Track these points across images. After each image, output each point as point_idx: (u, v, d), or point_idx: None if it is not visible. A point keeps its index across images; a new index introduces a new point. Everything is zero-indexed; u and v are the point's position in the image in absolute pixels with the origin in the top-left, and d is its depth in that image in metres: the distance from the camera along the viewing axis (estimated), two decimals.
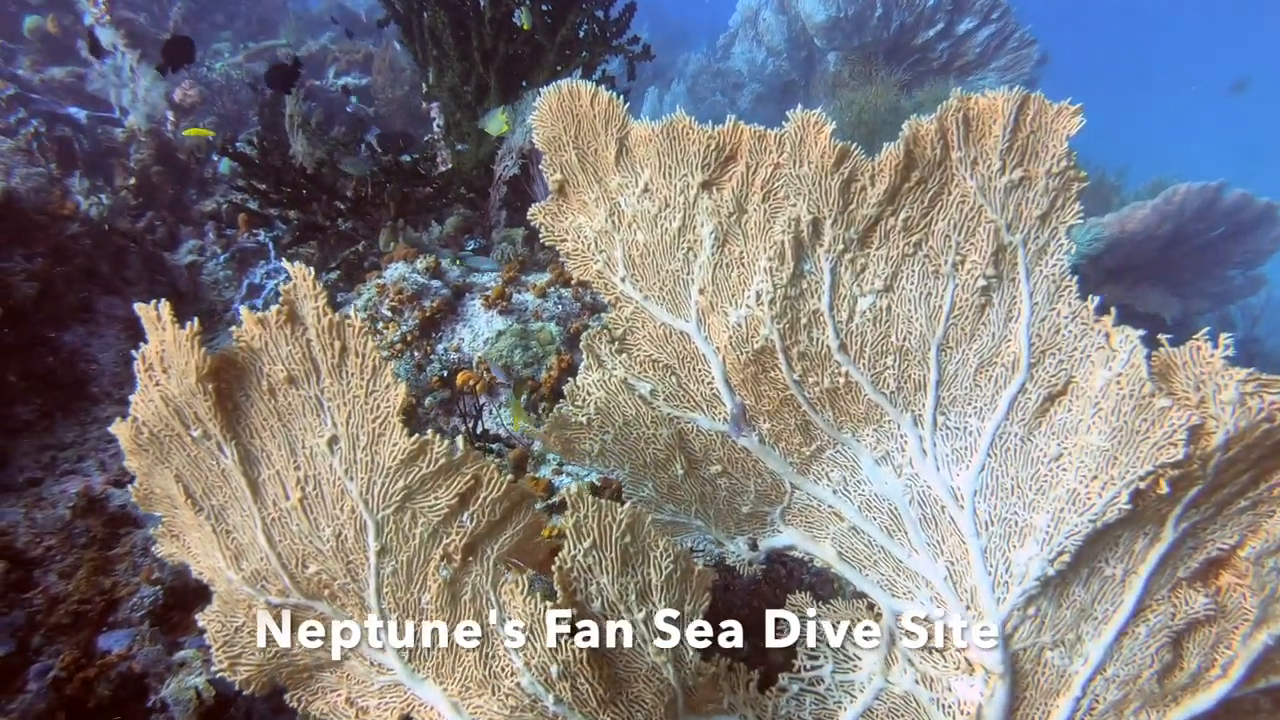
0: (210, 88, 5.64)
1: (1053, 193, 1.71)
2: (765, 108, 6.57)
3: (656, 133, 1.81)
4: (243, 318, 1.57)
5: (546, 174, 1.94)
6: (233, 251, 3.52)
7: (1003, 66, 6.02)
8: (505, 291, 3.11)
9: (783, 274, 1.79)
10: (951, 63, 6.06)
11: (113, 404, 3.14)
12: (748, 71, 6.59)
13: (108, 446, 2.90)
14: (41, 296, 3.12)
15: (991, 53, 6.00)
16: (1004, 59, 6.00)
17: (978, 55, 5.98)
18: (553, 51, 3.53)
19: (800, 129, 1.73)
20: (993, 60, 6.02)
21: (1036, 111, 1.69)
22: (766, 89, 6.56)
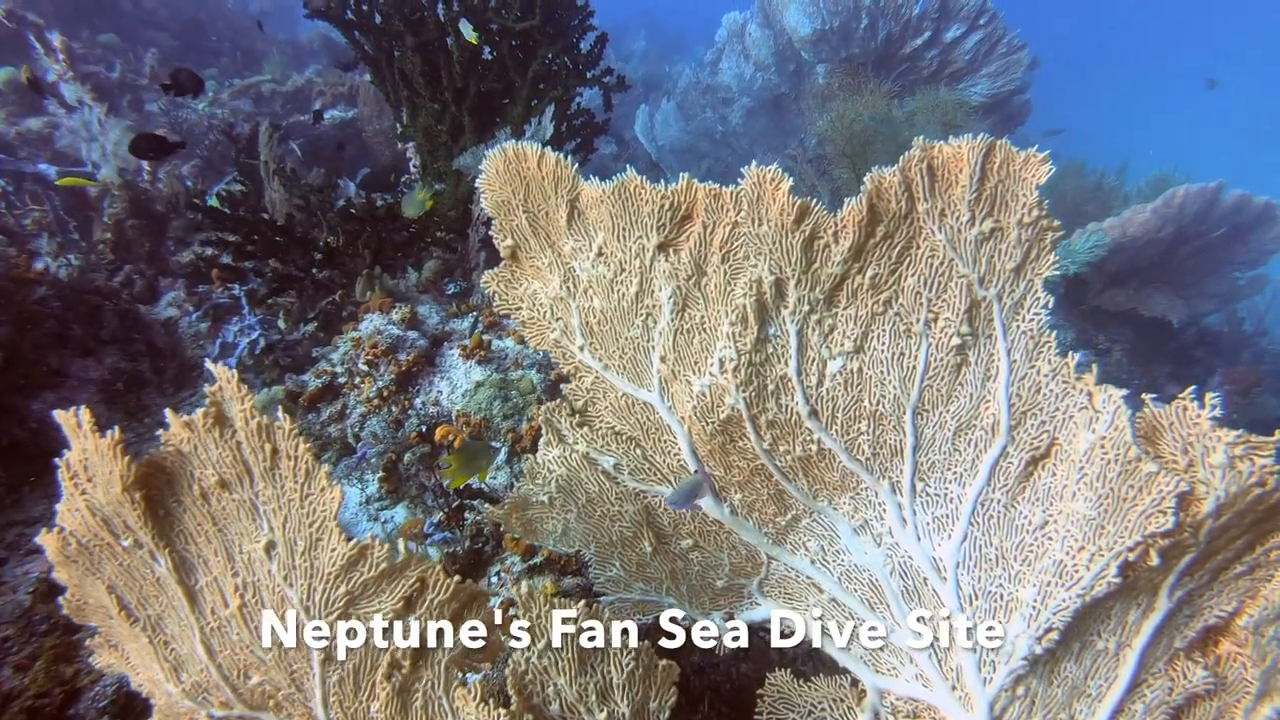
0: (194, 130, 5.60)
1: (1026, 244, 1.61)
2: (757, 121, 6.47)
3: (608, 194, 1.72)
4: (169, 421, 1.49)
5: (497, 240, 1.86)
6: (206, 309, 3.46)
7: (994, 72, 5.89)
8: (483, 340, 3.03)
9: (746, 339, 1.69)
10: (942, 70, 5.94)
11: None
12: (737, 86, 6.50)
13: None
14: (7, 365, 3.06)
15: (981, 59, 5.88)
16: (995, 64, 5.88)
17: (968, 62, 5.87)
18: (525, 87, 3.45)
19: (757, 186, 1.64)
20: (983, 66, 5.90)
21: (1004, 159, 1.59)
22: (757, 103, 6.46)
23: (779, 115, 6.39)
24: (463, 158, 3.41)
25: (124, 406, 3.39)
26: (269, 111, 6.40)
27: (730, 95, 6.50)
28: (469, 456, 2.25)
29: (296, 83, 6.65)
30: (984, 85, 5.93)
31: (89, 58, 5.23)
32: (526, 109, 3.47)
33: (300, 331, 3.40)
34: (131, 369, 3.48)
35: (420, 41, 3.37)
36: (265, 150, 3.88)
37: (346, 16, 3.38)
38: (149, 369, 3.53)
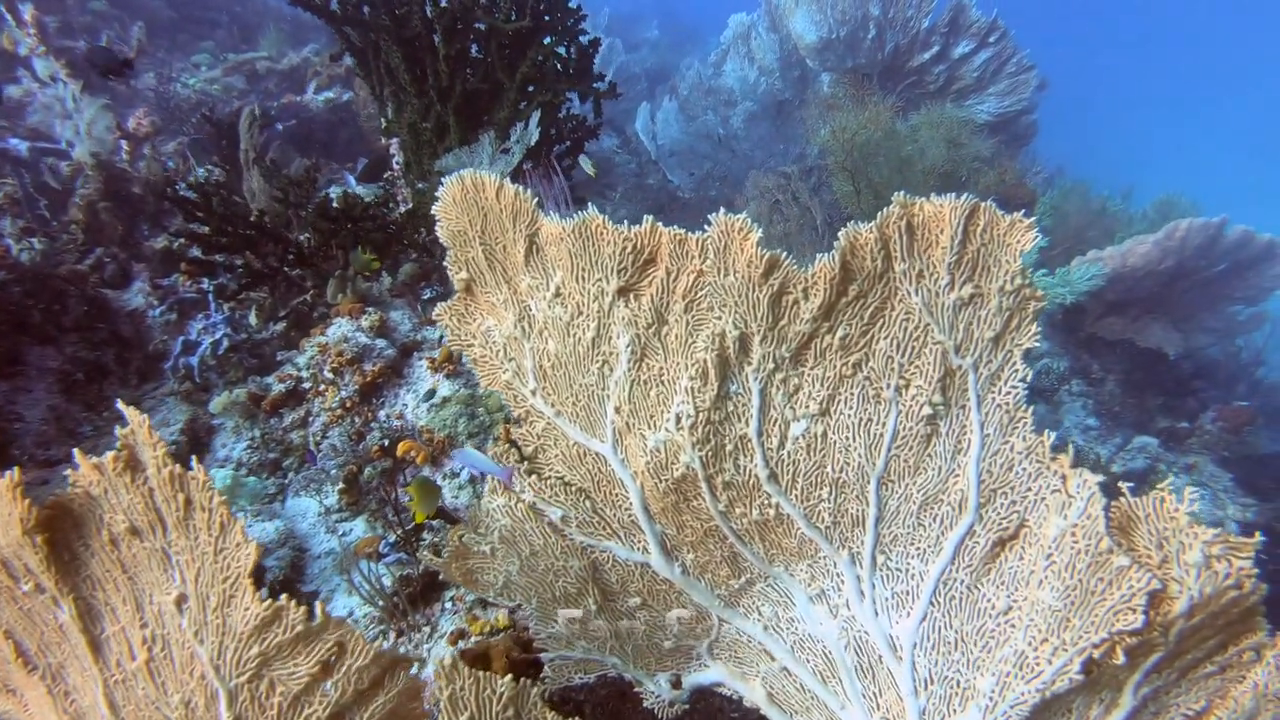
0: (182, 107, 5.47)
1: (1006, 312, 1.51)
2: (759, 126, 6.34)
3: (568, 232, 1.62)
4: (78, 461, 1.40)
5: (451, 271, 1.76)
6: (171, 303, 3.35)
7: (1002, 91, 5.75)
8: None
9: (706, 395, 1.60)
10: (948, 86, 5.80)
11: (35, 467, 2.98)
12: (740, 89, 6.36)
13: None
14: None
15: (989, 77, 5.74)
16: (1002, 83, 5.74)
17: (975, 79, 5.73)
18: (513, 89, 3.33)
19: (724, 234, 1.54)
20: (991, 85, 5.76)
21: (988, 223, 1.49)
22: (760, 107, 6.32)
23: (781, 121, 6.26)
24: (445, 159, 3.30)
25: (83, 399, 3.29)
26: (262, 90, 6.27)
27: (733, 98, 6.37)
28: (426, 490, 2.17)
29: (292, 61, 6.51)
30: (991, 104, 5.80)
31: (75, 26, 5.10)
32: (513, 111, 3.35)
33: (270, 330, 3.30)
34: (94, 359, 3.37)
35: (405, 37, 3.25)
36: (246, 138, 3.77)
37: (331, 7, 3.26)
38: (113, 359, 3.43)
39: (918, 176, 5.00)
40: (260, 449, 3.00)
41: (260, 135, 3.87)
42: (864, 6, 5.51)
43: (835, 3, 5.52)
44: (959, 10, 5.64)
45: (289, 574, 2.72)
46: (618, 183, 7.23)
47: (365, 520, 2.86)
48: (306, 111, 6.05)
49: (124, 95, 5.37)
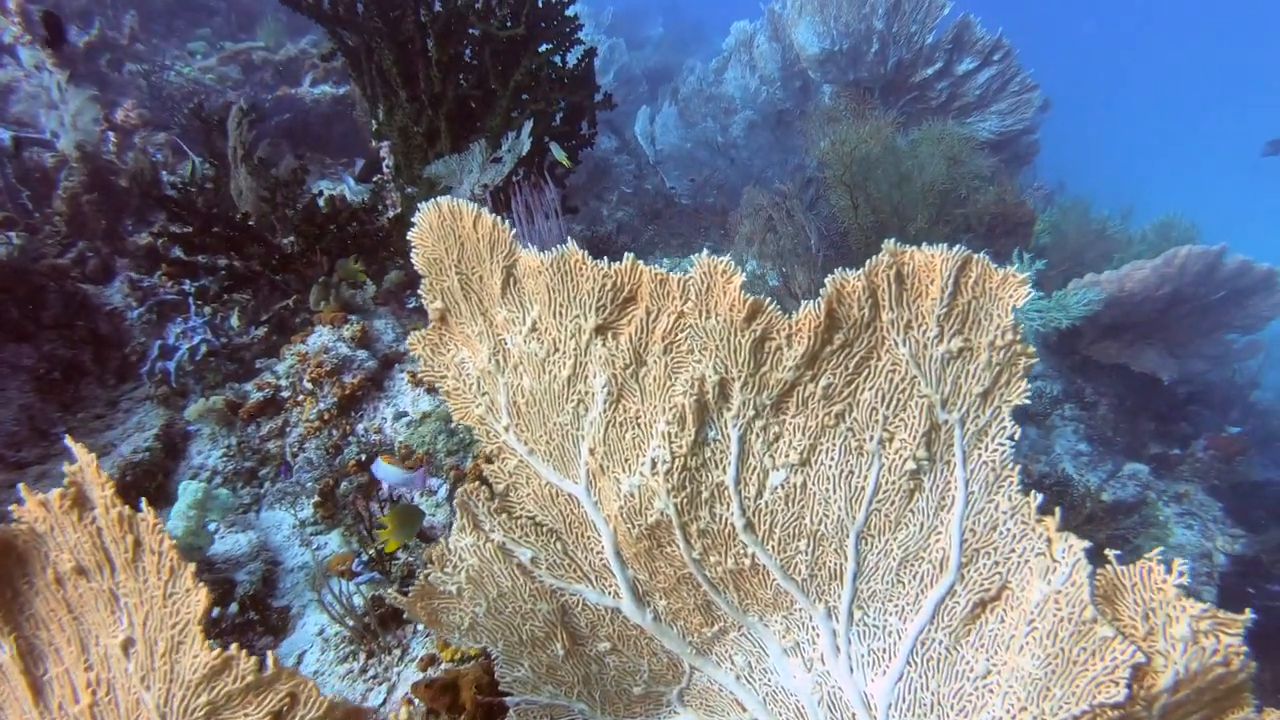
0: (174, 96, 5.39)
1: (996, 368, 1.46)
2: (759, 135, 6.28)
3: (546, 265, 1.57)
4: (23, 496, 1.34)
5: (426, 300, 1.71)
6: (150, 304, 3.28)
7: (1004, 110, 5.69)
8: None
9: (683, 440, 1.54)
10: (950, 103, 5.74)
11: (4, 470, 2.92)
12: (740, 98, 6.29)
13: None
14: None
15: (992, 95, 5.68)
16: (1005, 102, 5.68)
17: (978, 97, 5.67)
18: (506, 97, 3.27)
19: (707, 276, 1.49)
20: (993, 103, 5.70)
21: (980, 275, 1.44)
22: (760, 116, 6.26)
23: (781, 131, 6.19)
24: (435, 165, 3.23)
25: (59, 398, 3.23)
26: (257, 81, 6.19)
27: (733, 106, 6.30)
28: (403, 519, 2.12)
29: (290, 52, 6.43)
30: (993, 122, 5.74)
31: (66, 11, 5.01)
32: (506, 119, 3.29)
33: (251, 334, 3.24)
34: (71, 357, 3.31)
35: (399, 40, 3.19)
36: (234, 135, 3.71)
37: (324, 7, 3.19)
38: (90, 358, 3.37)
39: (916, 193, 4.95)
40: (236, 457, 2.95)
41: (250, 132, 3.81)
42: (868, 20, 5.45)
43: (839, 15, 5.46)
44: (964, 27, 5.58)
45: (260, 588, 2.67)
46: (615, 186, 7.17)
47: (340, 534, 2.81)
48: (301, 105, 5.98)
49: (116, 83, 5.30)
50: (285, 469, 2.85)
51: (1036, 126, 5.83)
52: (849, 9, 5.43)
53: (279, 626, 2.65)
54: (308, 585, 2.72)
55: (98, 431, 3.17)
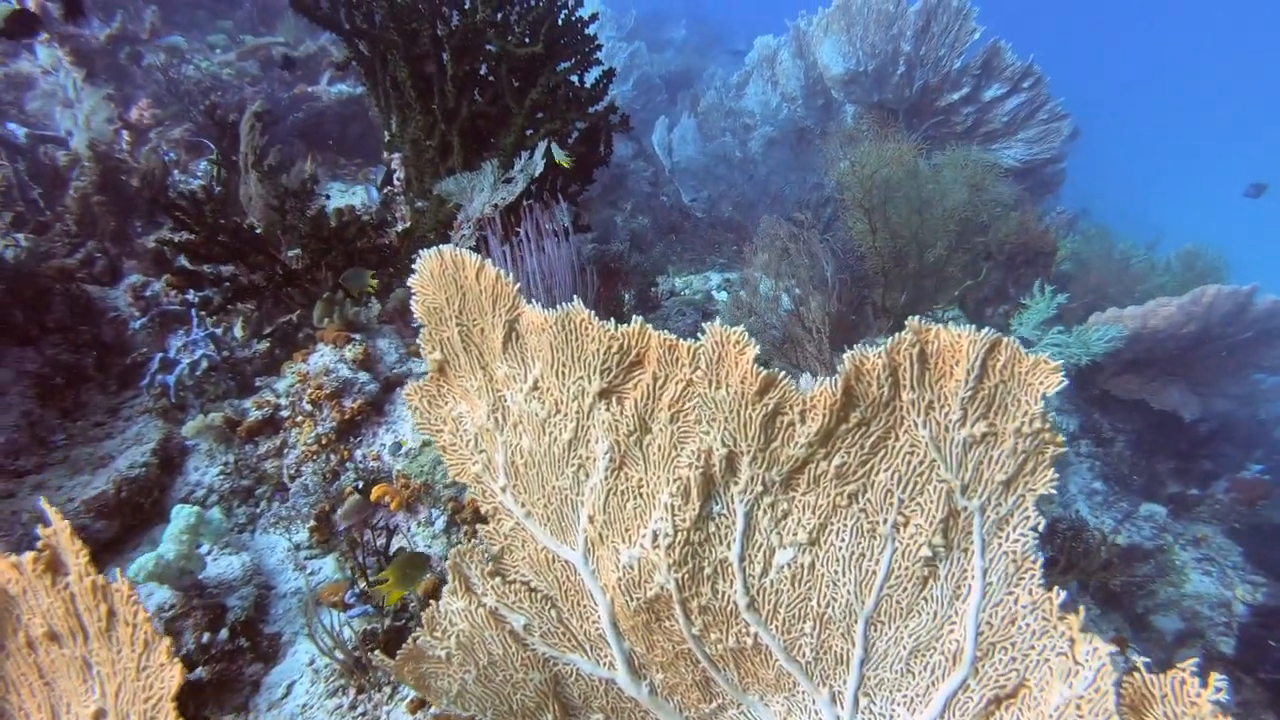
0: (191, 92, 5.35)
1: (1022, 455, 1.38)
2: (777, 152, 6.18)
3: (550, 323, 1.50)
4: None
5: (424, 350, 1.64)
6: (153, 315, 3.23)
7: (1031, 138, 5.57)
8: None
9: (686, 514, 1.47)
10: (976, 129, 5.62)
11: (1, 479, 2.87)
12: (760, 113, 6.19)
13: None
14: None
15: (1020, 123, 5.56)
16: (1032, 130, 5.55)
17: (1004, 124, 5.54)
18: (521, 115, 3.19)
19: (719, 346, 1.41)
20: (1020, 131, 5.57)
21: (1009, 359, 1.36)
22: (780, 133, 6.15)
23: (801, 148, 6.09)
24: (446, 182, 3.16)
25: (60, 404, 3.18)
26: (276, 77, 6.14)
27: (753, 121, 6.20)
28: (405, 568, 2.06)
29: (309, 49, 6.37)
30: (1019, 150, 5.62)
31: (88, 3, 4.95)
32: (520, 138, 3.22)
33: (253, 348, 3.18)
34: (73, 362, 3.26)
35: (414, 54, 3.12)
36: (246, 140, 3.65)
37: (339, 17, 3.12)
38: (93, 364, 3.32)
39: (937, 219, 4.85)
40: (233, 475, 2.89)
41: (262, 138, 3.75)
42: (895, 42, 5.33)
43: (865, 35, 5.35)
44: (993, 53, 5.46)
45: (252, 614, 2.62)
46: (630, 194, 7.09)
47: (335, 559, 2.75)
48: (318, 103, 5.93)
49: (134, 77, 5.25)
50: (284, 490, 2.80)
51: (1064, 156, 5.71)
52: (876, 30, 5.32)
53: (269, 654, 2.59)
54: (300, 612, 2.66)
55: (96, 440, 3.12)
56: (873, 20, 5.31)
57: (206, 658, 2.47)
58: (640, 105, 7.76)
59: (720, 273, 5.49)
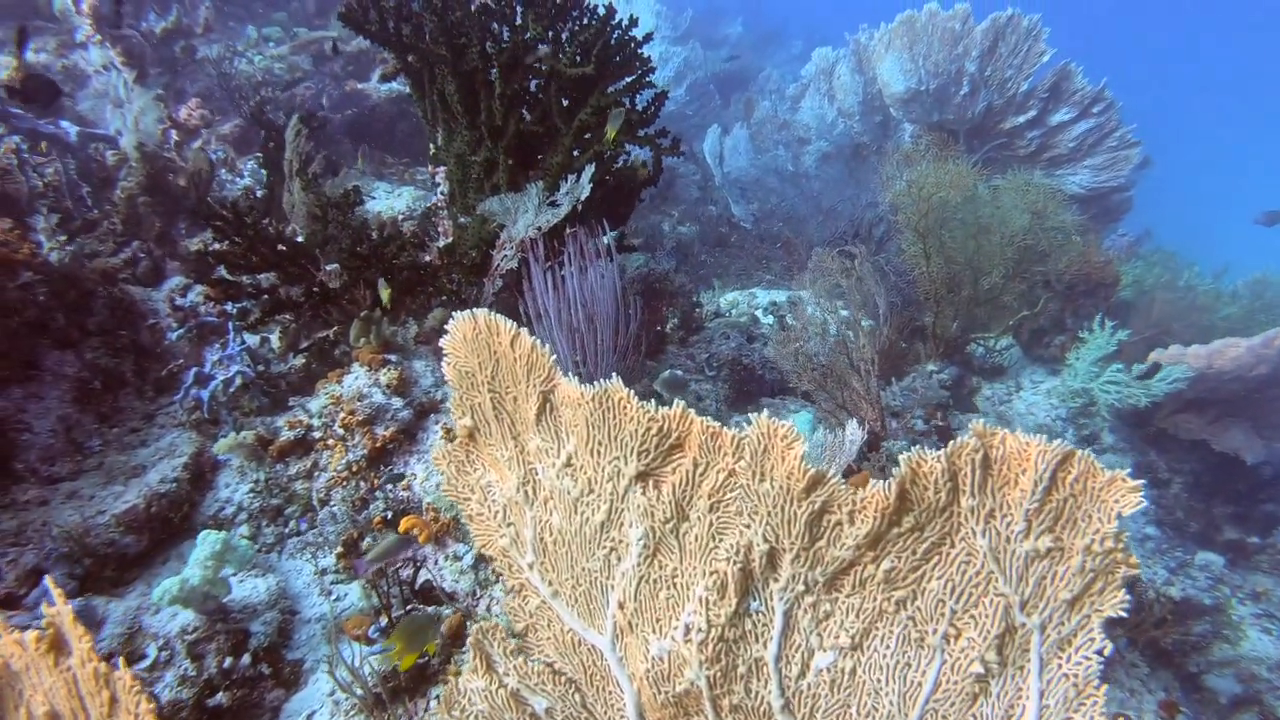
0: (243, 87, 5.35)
1: (1090, 574, 1.27)
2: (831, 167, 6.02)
3: (587, 399, 1.42)
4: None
5: (454, 415, 1.56)
6: (190, 327, 3.21)
7: (1098, 165, 5.34)
8: None
9: (722, 610, 1.38)
10: (1040, 153, 5.40)
11: (36, 484, 2.88)
12: (816, 127, 6.02)
13: (10, 550, 2.62)
14: None
15: (1087, 149, 5.32)
16: (1100, 157, 5.32)
17: (1070, 150, 5.32)
18: (569, 135, 3.11)
19: (765, 438, 1.32)
20: (1087, 157, 5.34)
21: (1082, 473, 1.25)
22: (834, 148, 5.99)
23: (856, 165, 5.93)
24: (489, 202, 3.10)
25: (96, 409, 3.18)
26: (327, 72, 6.14)
27: (807, 135, 6.05)
28: (413, 631, 2.00)
29: (361, 44, 6.35)
30: (1085, 176, 5.39)
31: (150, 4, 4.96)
32: (567, 158, 3.13)
33: (289, 362, 3.15)
34: (112, 366, 3.27)
35: (462, 70, 3.05)
36: (291, 147, 3.62)
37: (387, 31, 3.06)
38: (131, 369, 3.32)
39: (994, 245, 4.68)
40: (264, 494, 2.87)
41: (308, 143, 3.72)
42: (960, 61, 5.14)
43: (929, 54, 5.16)
44: (1063, 76, 5.23)
45: (275, 639, 2.59)
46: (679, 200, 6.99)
47: (361, 587, 2.71)
48: (367, 101, 5.92)
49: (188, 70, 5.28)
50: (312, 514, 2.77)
51: (1132, 184, 5.47)
52: (940, 49, 5.14)
53: (291, 680, 2.56)
54: (324, 639, 2.63)
55: (131, 448, 3.12)
56: (937, 38, 5.12)
57: (228, 683, 2.45)
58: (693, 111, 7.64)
59: (767, 290, 5.37)
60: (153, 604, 2.42)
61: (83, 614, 2.49)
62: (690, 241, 5.98)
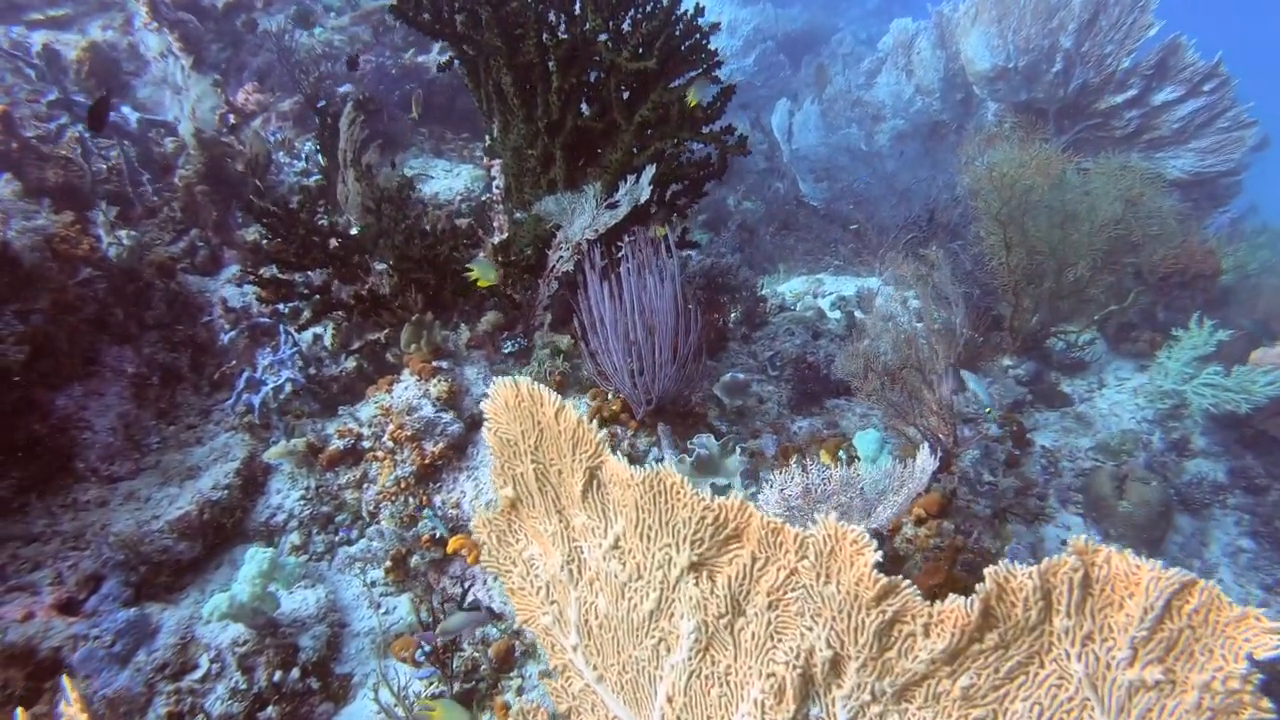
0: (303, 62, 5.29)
1: (1208, 713, 1.11)
2: (907, 146, 5.69)
3: (637, 481, 1.30)
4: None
5: (495, 483, 1.46)
6: (243, 329, 3.18)
7: (1206, 148, 4.88)
8: None
9: (779, 715, 1.26)
10: (1139, 134, 4.97)
11: (96, 484, 2.90)
12: (891, 105, 5.69)
13: (70, 554, 2.65)
14: (35, 354, 2.86)
15: (1194, 130, 4.87)
16: (1208, 139, 4.86)
17: (1175, 131, 4.88)
18: (629, 132, 2.95)
19: (832, 539, 1.18)
20: (1194, 139, 4.89)
21: (1205, 605, 1.09)
22: (911, 126, 5.65)
23: (933, 144, 5.59)
24: (545, 202, 2.97)
25: (155, 406, 3.19)
26: (388, 43, 6.03)
27: (881, 113, 5.72)
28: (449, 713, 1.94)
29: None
30: (1189, 160, 4.96)
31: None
32: (627, 155, 2.97)
33: (341, 364, 3.10)
34: (169, 361, 3.27)
35: (518, 63, 2.90)
36: (345, 135, 3.54)
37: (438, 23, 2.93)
38: (188, 363, 3.32)
39: (1082, 235, 4.37)
40: (314, 501, 2.84)
41: (362, 131, 3.63)
42: (1054, 36, 4.75)
43: (1019, 28, 4.78)
44: (1171, 51, 4.79)
45: (325, 653, 2.57)
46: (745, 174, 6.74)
47: (410, 600, 2.67)
48: (427, 74, 5.80)
49: (250, 44, 5.23)
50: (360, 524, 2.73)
51: (1243, 168, 5.02)
52: (1033, 22, 4.75)
53: (339, 694, 2.55)
54: (374, 653, 2.60)
55: (187, 445, 3.12)
56: (1030, 11, 4.74)
57: (277, 696, 2.44)
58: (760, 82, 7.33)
59: (835, 276, 5.14)
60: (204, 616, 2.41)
61: (138, 623, 2.51)
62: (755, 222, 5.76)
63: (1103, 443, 4.31)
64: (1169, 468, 4.30)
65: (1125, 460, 4.19)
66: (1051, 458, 4.22)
